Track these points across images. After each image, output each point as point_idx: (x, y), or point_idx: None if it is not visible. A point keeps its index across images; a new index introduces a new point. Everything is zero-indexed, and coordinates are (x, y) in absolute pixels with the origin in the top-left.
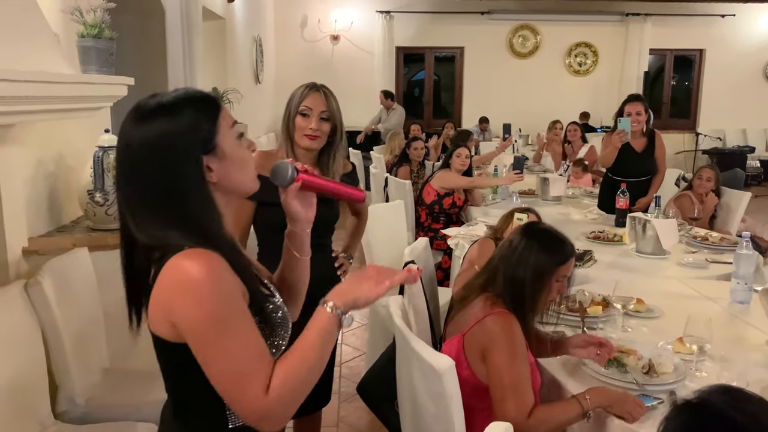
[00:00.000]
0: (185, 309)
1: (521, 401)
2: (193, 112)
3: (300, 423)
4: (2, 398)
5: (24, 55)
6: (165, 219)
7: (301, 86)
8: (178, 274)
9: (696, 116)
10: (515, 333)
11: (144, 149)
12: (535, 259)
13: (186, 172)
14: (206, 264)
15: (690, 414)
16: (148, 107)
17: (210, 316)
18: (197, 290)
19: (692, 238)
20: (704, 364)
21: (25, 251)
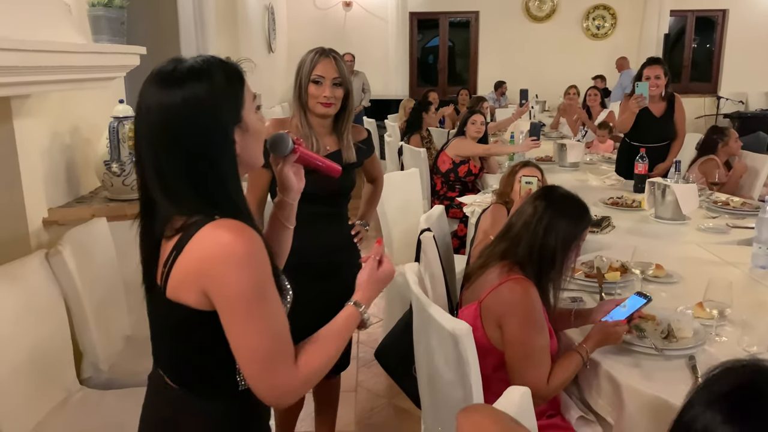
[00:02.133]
0: (226, 279)
1: (541, 370)
2: (225, 78)
3: (319, 387)
4: (29, 366)
5: (35, 25)
6: (196, 186)
7: (310, 52)
8: (217, 244)
9: (717, 79)
10: (533, 300)
11: (184, 112)
12: (565, 225)
13: (222, 138)
14: (246, 236)
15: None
16: (180, 71)
17: (252, 289)
18: (240, 262)
19: (713, 203)
20: (724, 328)
21: (45, 222)
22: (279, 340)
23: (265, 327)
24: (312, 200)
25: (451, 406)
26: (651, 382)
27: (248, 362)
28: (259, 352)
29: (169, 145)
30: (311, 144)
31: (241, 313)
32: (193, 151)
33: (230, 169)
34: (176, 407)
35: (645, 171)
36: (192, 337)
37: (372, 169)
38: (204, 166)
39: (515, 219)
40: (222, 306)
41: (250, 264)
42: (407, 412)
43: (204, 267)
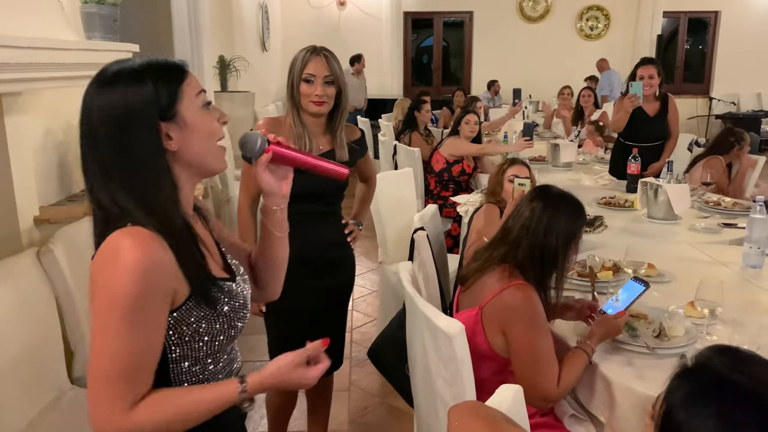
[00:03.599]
0: (103, 285)
1: (550, 373)
2: (153, 79)
3: (312, 387)
4: (20, 364)
5: (28, 21)
6: (117, 185)
7: (302, 51)
8: (110, 248)
9: (710, 80)
10: (536, 305)
11: (102, 113)
12: (564, 224)
13: (141, 139)
14: (142, 250)
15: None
16: (110, 73)
17: (126, 299)
18: (120, 274)
19: (705, 203)
20: (715, 327)
21: (36, 220)
22: (126, 370)
23: (116, 349)
24: (305, 199)
25: (444, 404)
26: (643, 380)
27: (90, 373)
28: (97, 374)
29: (94, 142)
30: (304, 143)
31: (103, 318)
32: (114, 149)
33: (155, 167)
34: None
35: (638, 171)
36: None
37: (365, 169)
38: (125, 165)
39: (512, 222)
40: (93, 307)
41: (132, 278)
42: (400, 410)
43: (95, 269)
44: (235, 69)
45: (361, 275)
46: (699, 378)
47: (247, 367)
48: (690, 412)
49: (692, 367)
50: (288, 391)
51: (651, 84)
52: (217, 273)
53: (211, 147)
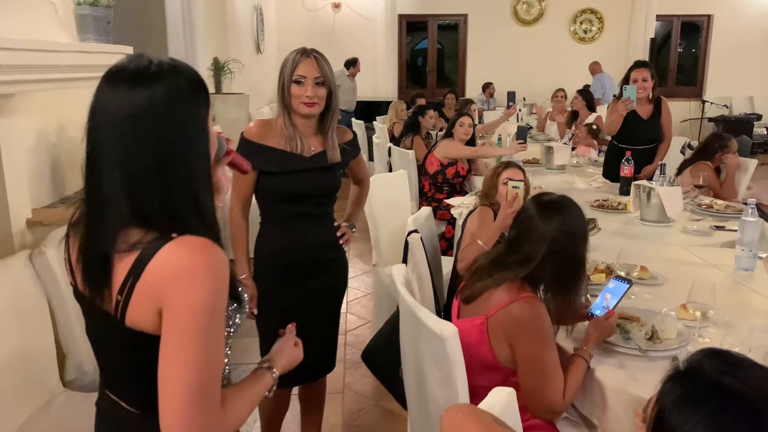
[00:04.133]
0: (180, 295)
1: (557, 385)
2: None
3: (306, 389)
4: (12, 367)
5: (21, 23)
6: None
7: (292, 52)
8: (176, 262)
9: (703, 83)
10: (544, 318)
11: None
12: (581, 231)
13: (199, 139)
14: (208, 253)
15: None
16: (149, 69)
17: (204, 308)
18: (197, 279)
19: (697, 205)
20: (707, 330)
21: (29, 222)
22: (213, 378)
23: (204, 357)
24: (299, 200)
25: (437, 407)
26: (635, 383)
27: (174, 396)
28: (190, 386)
29: (140, 145)
30: (296, 144)
31: (184, 332)
32: (166, 152)
33: (204, 170)
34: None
35: (630, 174)
36: (154, 363)
37: (358, 171)
38: (177, 169)
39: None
40: (168, 323)
41: (208, 282)
42: (394, 413)
43: (161, 286)
44: (229, 71)
45: (355, 277)
46: (691, 381)
47: (241, 369)
48: (682, 415)
49: (684, 371)
50: (281, 392)
51: (645, 87)
52: None
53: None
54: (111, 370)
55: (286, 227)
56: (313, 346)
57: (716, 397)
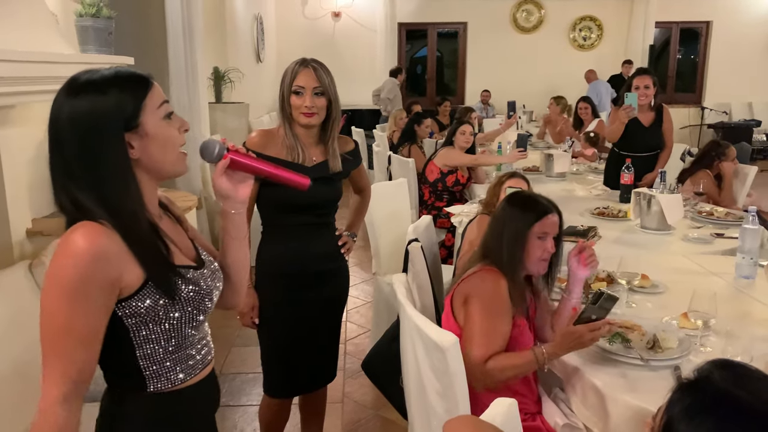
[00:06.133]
0: (51, 268)
1: (485, 347)
2: (119, 90)
3: (306, 399)
4: (11, 379)
5: (22, 35)
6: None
7: (292, 63)
8: (63, 240)
9: (702, 90)
10: (498, 289)
11: (69, 122)
12: (510, 217)
13: (106, 147)
14: (89, 239)
15: (692, 397)
16: (78, 82)
17: (61, 285)
18: (67, 258)
19: (697, 213)
20: (709, 339)
21: (29, 232)
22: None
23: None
24: (300, 210)
25: (437, 417)
26: (636, 392)
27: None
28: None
29: (60, 149)
30: (297, 155)
31: (44, 304)
32: (80, 157)
33: (119, 173)
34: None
35: (631, 181)
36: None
37: (359, 180)
38: (90, 172)
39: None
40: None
41: (79, 264)
42: (394, 423)
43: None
44: (229, 80)
45: (355, 286)
46: (700, 391)
47: (240, 378)
48: (690, 425)
49: (693, 381)
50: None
51: (647, 94)
52: (180, 261)
53: (169, 154)
54: None
55: (288, 237)
56: (314, 356)
57: (725, 408)
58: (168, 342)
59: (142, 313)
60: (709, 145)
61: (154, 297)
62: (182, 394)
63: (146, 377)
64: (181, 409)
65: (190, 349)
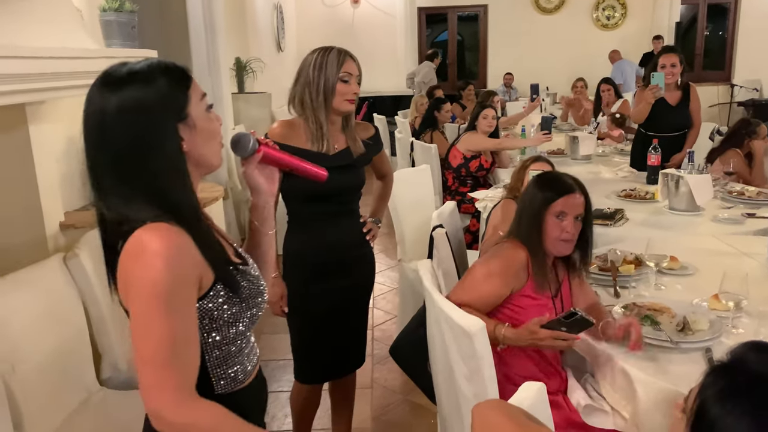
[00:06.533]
0: (136, 277)
1: (462, 293)
2: (167, 79)
3: (336, 385)
4: (49, 367)
5: (48, 32)
6: (132, 190)
7: (332, 52)
8: (136, 247)
9: (731, 67)
10: (507, 256)
11: (118, 116)
12: (531, 195)
13: (160, 141)
14: (165, 239)
15: (726, 380)
16: (119, 75)
17: (156, 290)
18: (151, 262)
19: (728, 193)
20: (741, 320)
21: (62, 225)
22: (175, 353)
23: (164, 336)
24: (324, 199)
25: (466, 401)
26: (667, 375)
27: (141, 364)
28: (147, 355)
29: (109, 146)
30: (322, 144)
31: (141, 312)
32: (123, 154)
33: (175, 167)
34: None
35: (658, 162)
36: None
37: (381, 166)
38: (135, 169)
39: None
40: (131, 303)
41: (164, 268)
42: (423, 407)
43: (124, 269)
44: (251, 70)
45: (381, 273)
46: (734, 374)
47: (272, 365)
48: (724, 408)
49: (727, 363)
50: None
51: (673, 72)
52: (233, 258)
53: (212, 146)
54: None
55: (313, 226)
56: (342, 342)
57: (760, 391)
58: (233, 342)
59: (213, 314)
60: (739, 123)
61: (223, 296)
62: (243, 393)
63: (213, 379)
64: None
65: (247, 348)
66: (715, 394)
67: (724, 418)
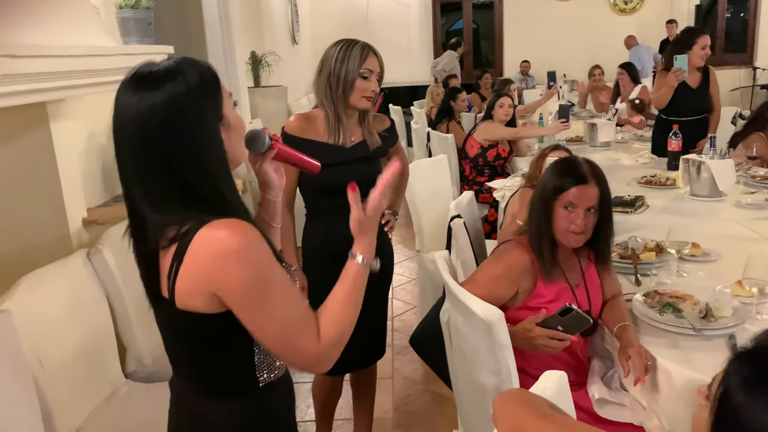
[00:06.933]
0: (231, 275)
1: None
2: (201, 78)
3: (357, 376)
4: (76, 361)
5: (66, 30)
6: (182, 191)
7: (355, 46)
8: (215, 245)
9: (753, 50)
10: (509, 261)
11: (160, 114)
12: (544, 182)
13: (209, 139)
14: (241, 231)
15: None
16: (155, 74)
17: (257, 279)
18: (240, 256)
19: (751, 177)
20: (765, 306)
21: (85, 221)
22: (299, 317)
23: (277, 312)
24: (341, 192)
25: (486, 391)
26: (690, 363)
27: (276, 344)
28: (282, 334)
29: (150, 151)
30: (338, 137)
31: (251, 305)
32: (176, 154)
33: (220, 166)
34: (196, 413)
35: (679, 148)
36: (208, 340)
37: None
38: (189, 169)
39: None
40: (233, 302)
41: (248, 256)
42: (444, 397)
43: (206, 268)
44: (267, 64)
45: (399, 263)
46: (759, 361)
47: None
48: (749, 396)
49: (752, 349)
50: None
51: (705, 54)
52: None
53: (241, 143)
54: (175, 356)
55: (330, 219)
56: (363, 333)
57: None
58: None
59: None
60: (763, 107)
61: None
62: (280, 382)
63: (258, 372)
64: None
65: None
66: (739, 381)
67: (748, 406)
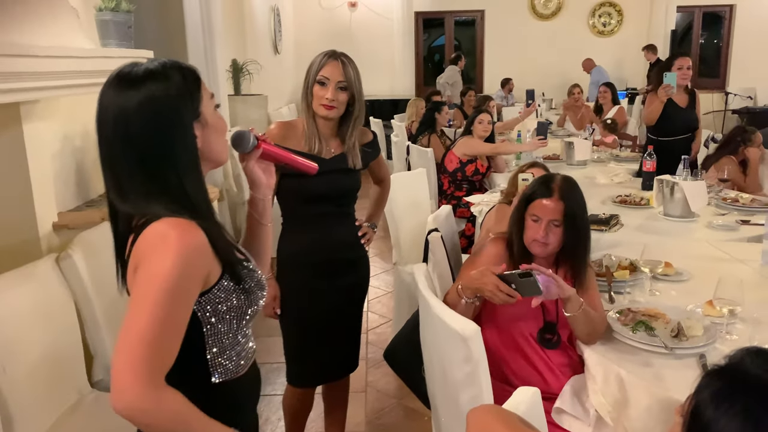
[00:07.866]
0: (149, 264)
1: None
2: (182, 78)
3: (329, 388)
4: (41, 369)
5: (44, 30)
6: (151, 186)
7: (321, 54)
8: (157, 237)
9: (726, 75)
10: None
11: (140, 114)
12: (524, 191)
13: (181, 137)
14: (185, 238)
15: (723, 381)
16: (135, 74)
17: (163, 284)
18: (167, 256)
19: (722, 199)
20: (735, 326)
21: (55, 226)
22: (160, 343)
23: (156, 320)
24: (319, 201)
25: (461, 406)
26: (661, 380)
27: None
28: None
29: (123, 145)
30: (314, 145)
31: (143, 294)
32: (147, 151)
33: (188, 163)
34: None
35: (653, 168)
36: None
37: (378, 171)
38: (155, 163)
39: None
40: (134, 284)
41: (176, 260)
42: (417, 412)
43: (139, 257)
44: (248, 72)
45: (376, 276)
46: (730, 376)
47: (265, 368)
48: (718, 409)
49: (724, 366)
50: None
51: (688, 75)
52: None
53: (221, 144)
54: None
55: (307, 228)
56: (336, 345)
57: (753, 392)
58: (235, 334)
59: (217, 306)
60: (735, 131)
61: (228, 290)
62: (238, 383)
63: (212, 368)
64: (238, 398)
65: (245, 339)
66: (709, 395)
67: (717, 419)
